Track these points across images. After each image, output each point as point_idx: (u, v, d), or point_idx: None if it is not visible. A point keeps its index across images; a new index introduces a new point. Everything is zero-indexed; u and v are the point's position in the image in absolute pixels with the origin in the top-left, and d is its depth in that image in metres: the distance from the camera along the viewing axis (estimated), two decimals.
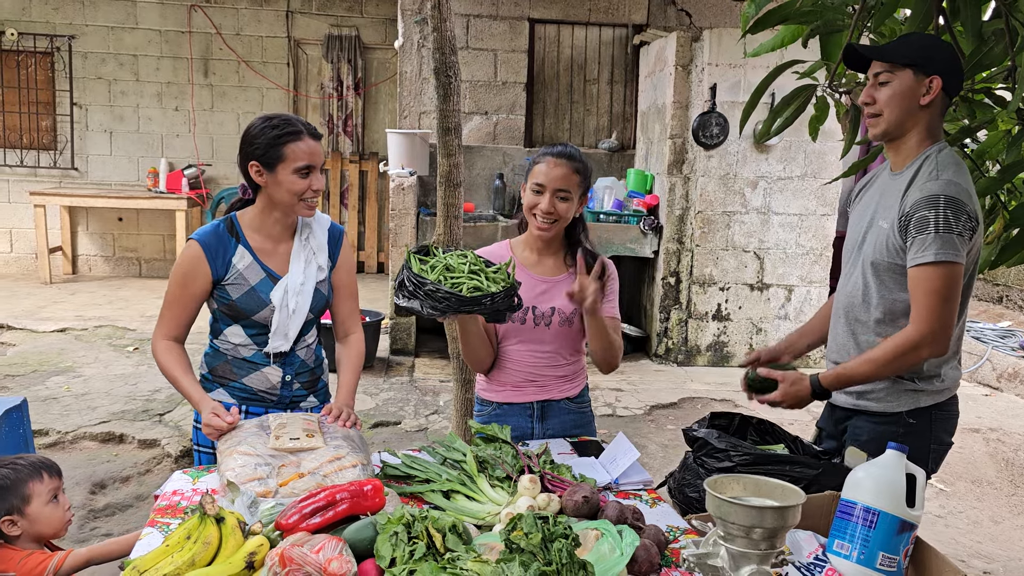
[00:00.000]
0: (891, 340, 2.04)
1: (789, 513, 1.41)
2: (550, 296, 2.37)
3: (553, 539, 1.42)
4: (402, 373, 5.99)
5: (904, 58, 2.02)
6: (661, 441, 4.84)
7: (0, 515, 2.15)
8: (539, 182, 2.29)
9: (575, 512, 1.76)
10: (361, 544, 1.54)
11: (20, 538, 2.18)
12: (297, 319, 2.28)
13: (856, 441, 2.16)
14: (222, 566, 1.47)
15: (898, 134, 2.10)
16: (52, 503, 2.21)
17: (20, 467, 2.20)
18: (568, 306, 2.34)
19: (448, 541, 1.47)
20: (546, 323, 2.37)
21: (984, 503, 4.29)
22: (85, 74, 8.84)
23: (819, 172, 6.22)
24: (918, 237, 1.97)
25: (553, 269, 2.41)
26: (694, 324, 6.40)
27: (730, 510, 1.41)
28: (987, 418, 5.43)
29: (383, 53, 9.16)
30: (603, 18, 7.36)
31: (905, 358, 2.02)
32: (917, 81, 2.03)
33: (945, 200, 1.95)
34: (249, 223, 2.28)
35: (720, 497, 1.43)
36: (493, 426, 2.18)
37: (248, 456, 1.86)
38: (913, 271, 2.00)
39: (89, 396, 5.07)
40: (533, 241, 2.41)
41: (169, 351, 2.25)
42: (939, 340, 1.99)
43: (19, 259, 9.07)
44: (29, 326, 6.71)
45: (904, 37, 2.10)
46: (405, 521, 1.51)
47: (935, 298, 1.97)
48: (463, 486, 1.89)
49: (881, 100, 2.06)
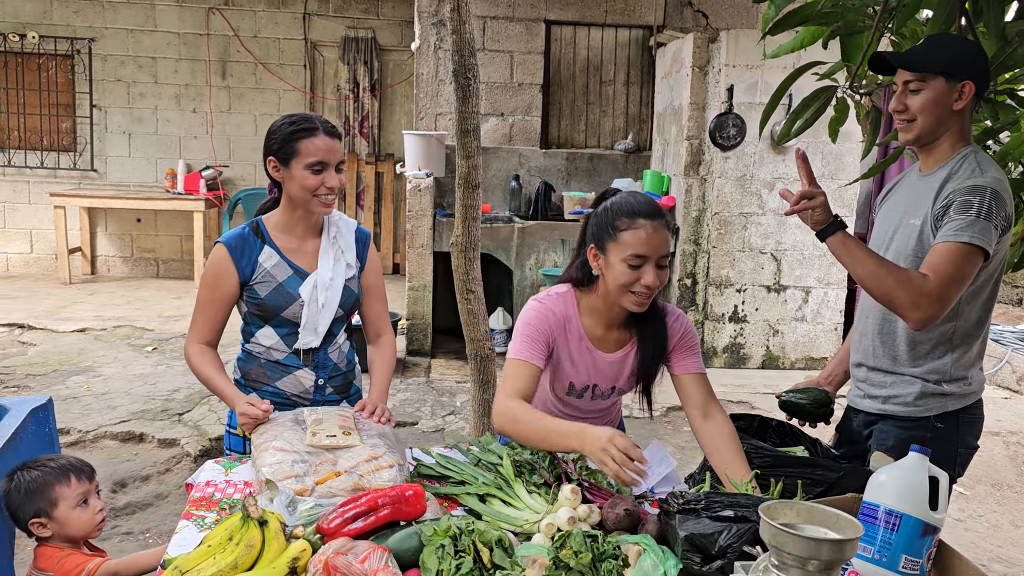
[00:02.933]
0: (904, 270, 1.95)
1: (848, 546, 1.37)
2: (612, 376, 2.16)
3: (603, 559, 1.41)
4: (419, 374, 6.00)
5: (936, 67, 1.99)
6: (678, 443, 4.83)
7: (28, 517, 2.17)
8: (640, 253, 1.91)
9: (616, 525, 1.71)
10: (405, 554, 1.53)
11: (52, 538, 2.21)
12: (327, 314, 2.28)
13: (882, 446, 2.14)
14: (265, 570, 1.46)
15: (931, 139, 2.07)
16: (81, 507, 2.21)
17: (48, 470, 2.21)
18: (628, 382, 2.17)
19: (495, 556, 1.46)
20: (603, 397, 2.21)
21: (1004, 507, 4.26)
22: (104, 76, 8.93)
23: (837, 173, 6.19)
24: (957, 217, 1.91)
25: (616, 344, 2.12)
26: (710, 326, 6.38)
27: (786, 540, 1.37)
28: (1007, 421, 5.38)
29: (399, 55, 9.19)
30: (619, 19, 7.36)
31: (901, 290, 1.90)
32: (949, 88, 2.00)
33: (992, 192, 1.93)
34: (275, 224, 2.30)
35: (775, 525, 1.39)
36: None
37: (284, 452, 1.85)
38: (944, 244, 1.91)
39: (109, 396, 5.12)
40: (609, 313, 2.06)
41: (202, 354, 2.26)
42: (932, 310, 1.90)
43: (39, 260, 9.16)
44: (49, 326, 6.78)
45: (932, 42, 2.06)
46: (452, 534, 1.49)
47: (955, 274, 1.89)
48: (499, 491, 1.86)
49: (914, 107, 2.03)
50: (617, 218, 1.95)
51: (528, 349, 2.02)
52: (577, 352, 2.09)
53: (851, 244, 2.01)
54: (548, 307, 2.06)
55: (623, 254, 1.93)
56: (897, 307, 1.94)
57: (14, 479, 2.20)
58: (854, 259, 1.99)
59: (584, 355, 2.09)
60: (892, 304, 1.95)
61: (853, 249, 2.00)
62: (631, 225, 1.93)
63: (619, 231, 1.94)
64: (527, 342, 2.02)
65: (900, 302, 1.92)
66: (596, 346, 2.10)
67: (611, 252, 1.95)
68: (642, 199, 2.00)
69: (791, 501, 1.51)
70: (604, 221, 1.97)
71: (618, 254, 1.94)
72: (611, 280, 1.97)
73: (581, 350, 2.09)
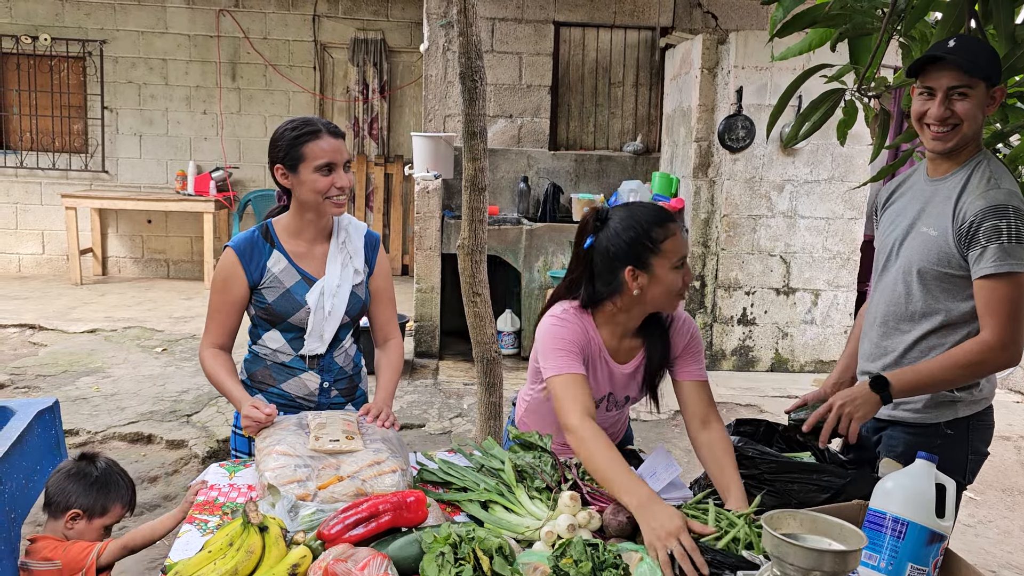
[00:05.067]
0: (964, 347, 1.99)
1: (851, 558, 1.36)
2: (625, 386, 2.19)
3: (603, 568, 1.40)
4: (426, 375, 6.01)
5: (981, 71, 1.97)
6: (685, 446, 4.81)
7: (79, 505, 2.20)
8: (684, 254, 1.97)
9: (618, 532, 1.71)
10: (405, 561, 1.53)
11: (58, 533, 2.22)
12: (333, 321, 2.29)
13: (892, 452, 2.12)
14: None
15: (963, 144, 2.04)
16: (102, 531, 2.28)
17: (124, 485, 2.31)
18: (639, 391, 2.20)
19: (495, 564, 1.45)
20: (618, 407, 2.24)
21: (1016, 512, 4.22)
22: (116, 78, 8.98)
23: (846, 176, 6.15)
24: (990, 247, 1.92)
25: (629, 353, 2.14)
26: (719, 328, 6.36)
27: (788, 551, 1.35)
28: (1018, 426, 5.34)
29: (408, 56, 9.20)
30: (628, 21, 7.34)
31: (981, 366, 1.98)
32: (987, 93, 2.00)
33: (1014, 210, 1.92)
34: (284, 228, 2.31)
35: (777, 536, 1.38)
36: (533, 433, 2.10)
37: (287, 456, 1.85)
38: (986, 281, 1.94)
39: (118, 396, 5.14)
40: (628, 322, 2.08)
41: (215, 357, 2.28)
42: (1013, 349, 1.95)
43: (51, 260, 9.22)
44: (60, 327, 6.82)
45: (966, 44, 2.00)
46: (452, 541, 1.49)
47: (1012, 307, 1.93)
48: (501, 497, 1.86)
49: (962, 113, 1.99)
50: (652, 231, 1.94)
51: (572, 361, 1.99)
52: (598, 364, 2.10)
53: (909, 377, 2.02)
54: (574, 322, 2.05)
55: (671, 262, 1.95)
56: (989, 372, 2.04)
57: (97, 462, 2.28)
58: (924, 383, 2.02)
59: (603, 367, 2.11)
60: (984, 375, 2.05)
61: (914, 378, 2.02)
62: (667, 234, 1.95)
63: (660, 243, 1.94)
64: (567, 355, 1.99)
65: (988, 370, 2.02)
66: (612, 357, 2.11)
67: (657, 266, 1.95)
68: (653, 206, 2.02)
69: (794, 511, 1.49)
70: (637, 238, 1.95)
71: (665, 264, 1.95)
72: (659, 291, 1.97)
73: (600, 362, 2.10)
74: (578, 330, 2.03)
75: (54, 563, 2.14)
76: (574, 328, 2.03)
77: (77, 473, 2.26)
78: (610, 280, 2.00)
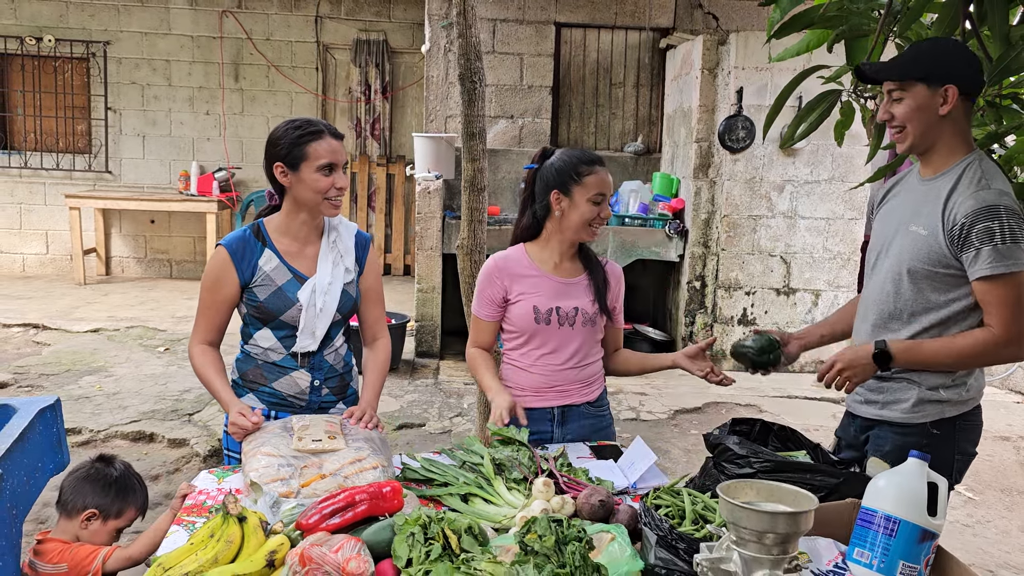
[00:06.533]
0: (971, 336, 2.02)
1: (802, 519, 1.41)
2: (572, 297, 2.43)
3: (567, 542, 1.43)
4: (427, 375, 6.02)
5: (914, 73, 2.00)
6: (684, 446, 4.83)
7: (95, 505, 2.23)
8: (602, 192, 2.35)
9: (591, 515, 1.77)
10: (379, 545, 1.57)
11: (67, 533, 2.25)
12: (324, 318, 2.31)
13: (879, 451, 2.14)
14: (243, 563, 1.52)
15: (925, 146, 2.07)
16: (115, 533, 2.31)
17: (139, 487, 2.35)
18: (590, 306, 2.43)
19: (464, 542, 1.49)
20: (570, 323, 2.41)
21: (1014, 512, 4.22)
22: (119, 79, 9.01)
23: (846, 176, 6.16)
24: (984, 249, 1.94)
25: (572, 271, 2.47)
26: (719, 328, 6.37)
27: (742, 515, 1.41)
28: (1018, 426, 5.34)
29: (410, 57, 9.23)
30: (629, 21, 7.36)
31: (985, 356, 2.03)
32: (932, 93, 2.00)
33: (1006, 210, 1.93)
34: (276, 227, 2.32)
35: (732, 502, 1.43)
36: (511, 428, 2.20)
37: (271, 457, 1.89)
38: (985, 283, 1.96)
39: (120, 395, 5.17)
40: (560, 246, 2.44)
41: (204, 354, 2.31)
42: (1018, 344, 1.99)
43: (54, 260, 9.26)
44: (63, 326, 6.85)
45: (914, 48, 2.07)
46: (422, 522, 1.53)
47: (1014, 307, 1.96)
48: (480, 489, 1.92)
49: (900, 116, 2.04)
50: (579, 166, 2.35)
51: (481, 308, 2.47)
52: (533, 282, 2.42)
53: (913, 350, 2.08)
54: (494, 264, 2.45)
55: (589, 194, 2.34)
56: (993, 363, 2.11)
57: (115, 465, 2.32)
58: (927, 359, 2.07)
59: (541, 281, 2.42)
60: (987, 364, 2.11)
61: (918, 352, 2.07)
62: (591, 171, 2.35)
63: (583, 176, 2.34)
64: (480, 301, 2.48)
65: (992, 361, 2.07)
66: (554, 272, 2.44)
67: (576, 194, 2.34)
68: (587, 151, 2.44)
69: (752, 480, 1.54)
70: (565, 169, 2.36)
71: (583, 195, 2.34)
72: (575, 217, 2.35)
73: (537, 279, 2.42)
74: (496, 270, 2.44)
75: (60, 567, 2.17)
76: (493, 269, 2.45)
77: (95, 474, 2.29)
78: (543, 200, 2.40)
